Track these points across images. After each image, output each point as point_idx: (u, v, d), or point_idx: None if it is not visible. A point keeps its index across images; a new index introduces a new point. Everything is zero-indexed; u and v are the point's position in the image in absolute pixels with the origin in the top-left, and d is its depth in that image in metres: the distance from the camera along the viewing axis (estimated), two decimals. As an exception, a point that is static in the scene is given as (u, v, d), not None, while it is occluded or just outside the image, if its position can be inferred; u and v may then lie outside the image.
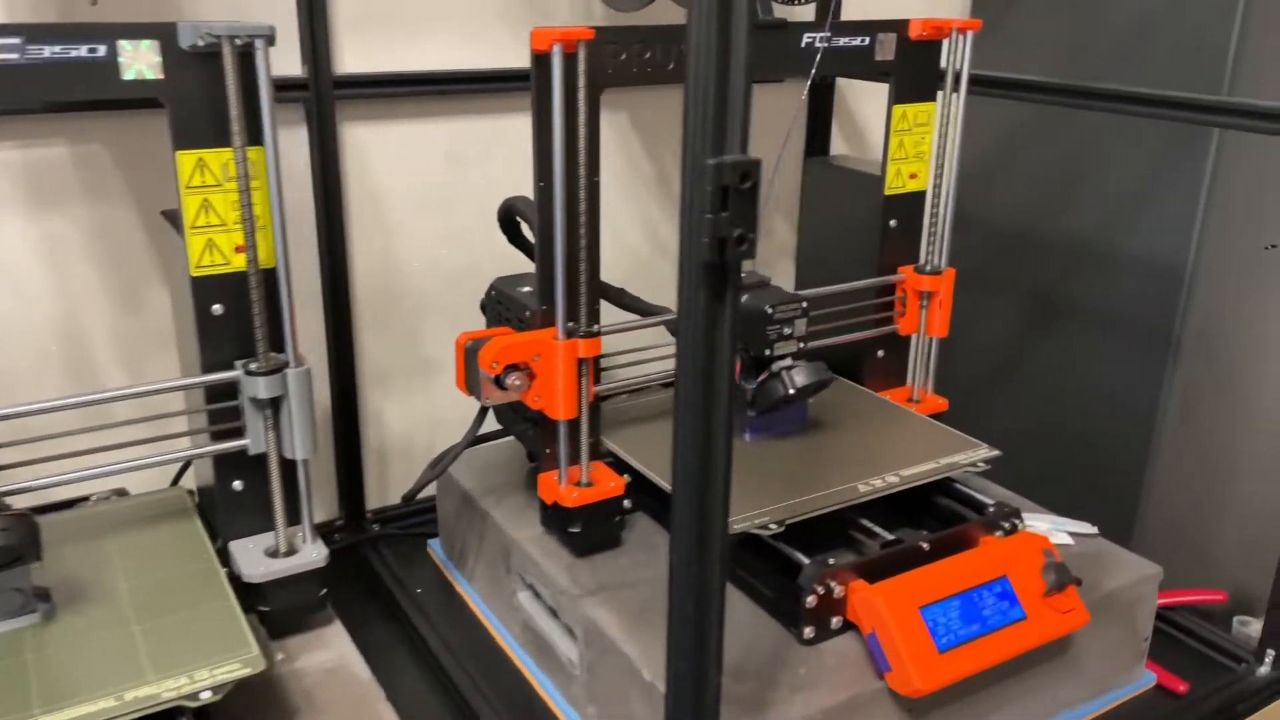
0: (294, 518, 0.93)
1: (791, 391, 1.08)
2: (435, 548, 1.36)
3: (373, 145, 1.30)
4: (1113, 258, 1.54)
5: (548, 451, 1.08)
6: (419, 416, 1.44)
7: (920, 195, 1.25)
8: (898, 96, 1.21)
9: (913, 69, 1.21)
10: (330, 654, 0.93)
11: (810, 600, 0.94)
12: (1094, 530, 1.16)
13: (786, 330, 1.08)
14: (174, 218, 0.88)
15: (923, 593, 0.93)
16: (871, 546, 1.03)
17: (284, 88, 1.21)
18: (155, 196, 1.14)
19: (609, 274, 1.10)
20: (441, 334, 1.41)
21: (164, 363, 1.22)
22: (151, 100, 0.81)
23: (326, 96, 1.23)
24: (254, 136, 0.82)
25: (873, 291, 1.28)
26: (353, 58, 1.26)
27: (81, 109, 1.10)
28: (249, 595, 0.91)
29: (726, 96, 0.55)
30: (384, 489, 1.45)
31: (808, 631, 0.95)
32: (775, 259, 1.65)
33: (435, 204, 1.36)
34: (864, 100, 1.69)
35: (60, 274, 1.16)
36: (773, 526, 0.97)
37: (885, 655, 0.90)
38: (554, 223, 0.98)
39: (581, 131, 0.96)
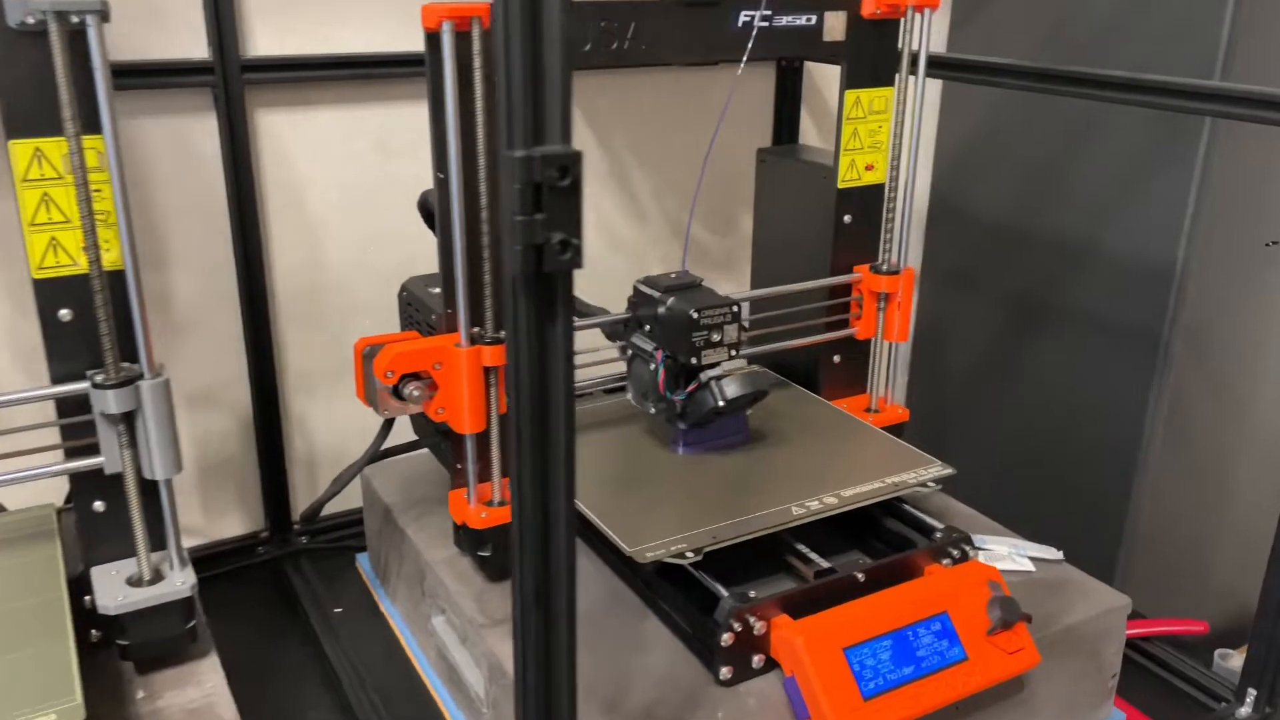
0: (158, 543, 0.85)
1: (721, 404, 0.99)
2: (364, 563, 1.28)
3: (290, 134, 1.22)
4: (1099, 255, 1.43)
5: (458, 467, 0.99)
6: (349, 422, 1.35)
7: (878, 189, 1.15)
8: (850, 80, 1.11)
9: (866, 50, 1.11)
10: (196, 692, 0.85)
11: (726, 638, 0.85)
12: (1059, 555, 1.06)
13: (715, 337, 0.99)
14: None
15: (849, 631, 0.83)
16: (807, 574, 0.94)
17: (189, 71, 1.14)
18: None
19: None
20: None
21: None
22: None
23: (235, 80, 1.14)
24: (91, 124, 0.74)
25: (825, 293, 1.19)
26: (265, 39, 1.17)
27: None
28: (111, 627, 0.83)
29: (541, 77, 0.46)
30: (312, 499, 1.37)
31: (724, 671, 0.86)
32: (739, 254, 1.56)
33: (363, 197, 1.28)
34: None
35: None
36: (689, 555, 0.88)
37: (804, 701, 0.81)
38: (452, 218, 0.90)
39: (480, 119, 0.87)
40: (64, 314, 0.79)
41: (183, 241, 1.20)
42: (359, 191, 1.27)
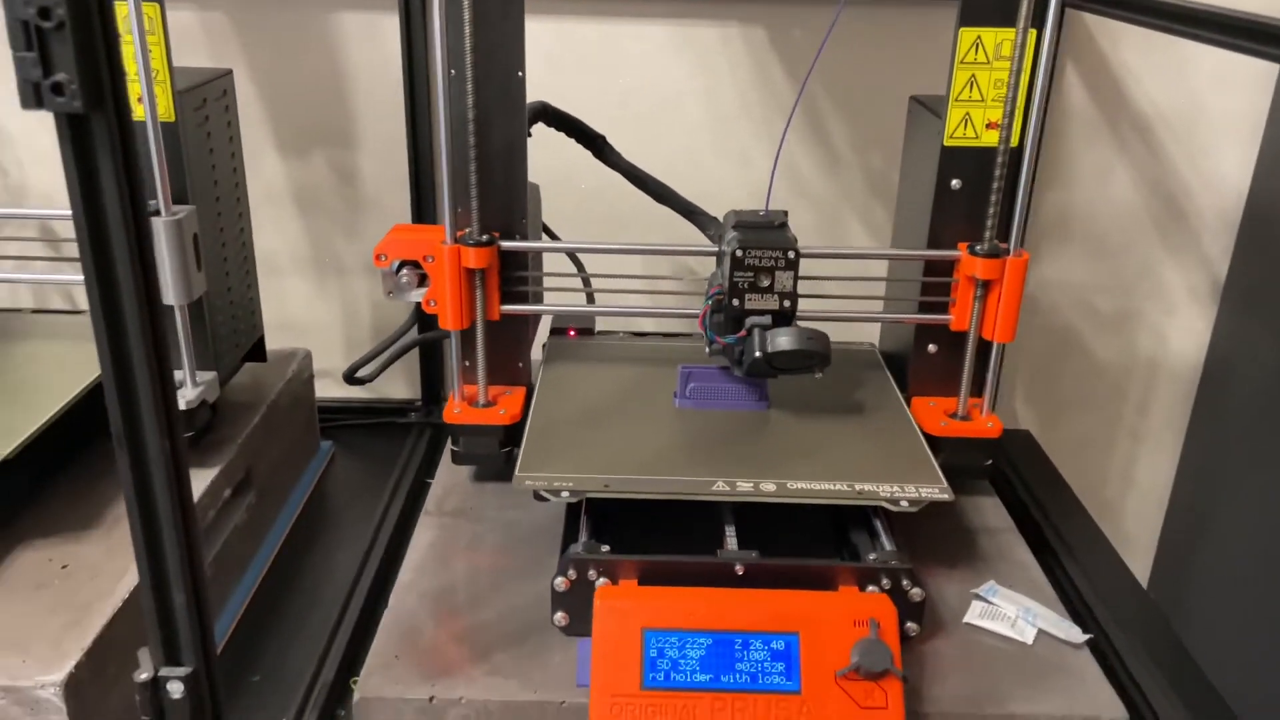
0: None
1: (758, 354, 0.89)
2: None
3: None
4: None
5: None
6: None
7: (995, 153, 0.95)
8: (968, 15, 0.93)
9: (991, -21, 0.91)
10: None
11: (559, 582, 0.80)
12: (1080, 638, 0.84)
13: (764, 281, 0.90)
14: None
15: (663, 614, 0.74)
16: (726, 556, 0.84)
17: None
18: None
19: (730, 205, 1.00)
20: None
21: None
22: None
23: (414, -17, 1.25)
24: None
25: (921, 268, 1.02)
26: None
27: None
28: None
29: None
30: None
31: (559, 617, 0.81)
32: (866, 200, 1.38)
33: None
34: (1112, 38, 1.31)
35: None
36: (565, 495, 0.83)
37: (587, 668, 0.75)
38: (445, 118, 0.92)
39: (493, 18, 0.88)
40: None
41: (366, 126, 1.35)
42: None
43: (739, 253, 0.91)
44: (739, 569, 0.80)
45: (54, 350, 1.06)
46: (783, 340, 0.90)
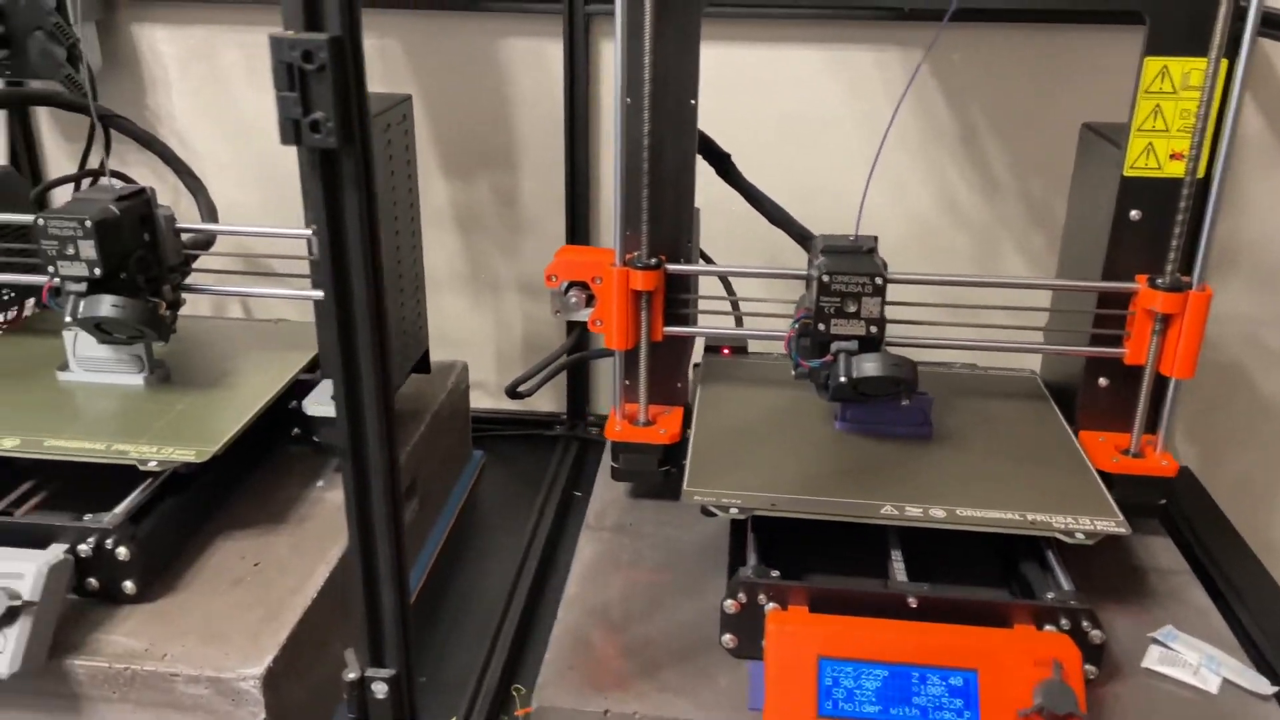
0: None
1: (843, 380, 0.90)
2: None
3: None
4: None
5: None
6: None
7: (1179, 184, 0.93)
8: (1154, 44, 0.91)
9: (1180, 5, 0.89)
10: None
11: (729, 605, 0.81)
12: (1269, 690, 0.80)
13: (850, 307, 0.91)
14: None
15: (840, 643, 0.75)
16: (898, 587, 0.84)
17: (546, -1, 1.30)
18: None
19: (886, 235, 1.01)
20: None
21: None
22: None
23: (579, 9, 1.28)
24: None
25: (1095, 300, 0.99)
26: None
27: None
28: (309, 425, 1.07)
29: (314, -34, 0.51)
30: (606, 395, 1.50)
31: (727, 639, 0.83)
32: (1025, 227, 1.35)
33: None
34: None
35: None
36: (733, 511, 0.85)
37: (760, 692, 0.75)
38: (623, 143, 0.94)
39: (669, 49, 0.91)
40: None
41: (527, 149, 1.39)
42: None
43: (825, 278, 0.91)
44: (912, 601, 0.80)
45: (239, 356, 1.13)
46: (869, 366, 0.90)
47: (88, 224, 0.95)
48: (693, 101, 0.96)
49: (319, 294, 1.01)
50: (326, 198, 0.56)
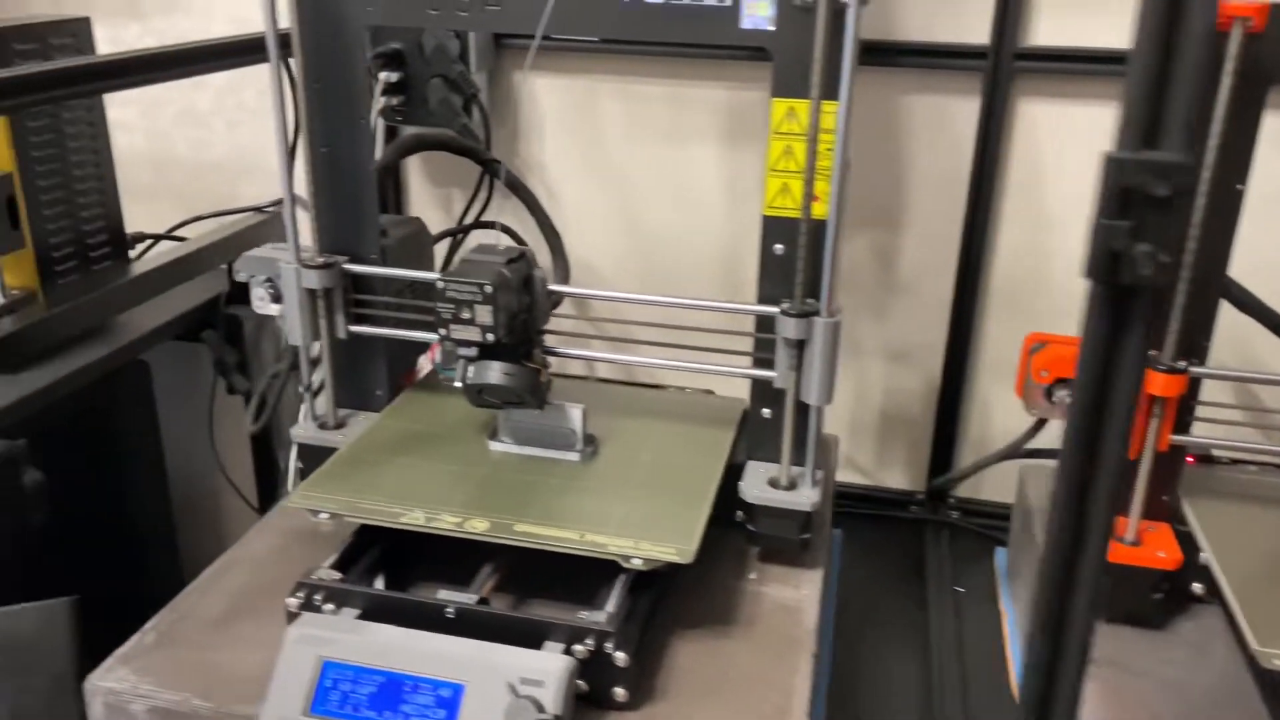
0: (799, 458, 0.97)
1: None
2: (999, 556, 1.29)
3: (1044, 125, 1.22)
4: None
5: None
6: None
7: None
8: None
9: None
10: (793, 593, 0.96)
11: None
12: None
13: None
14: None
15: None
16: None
17: (963, 55, 1.21)
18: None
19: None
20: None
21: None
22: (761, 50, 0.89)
23: (1005, 68, 1.19)
24: (830, 91, 0.85)
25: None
26: (1045, 28, 1.19)
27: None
28: (748, 512, 0.98)
29: (1172, 75, 0.43)
30: (976, 480, 1.40)
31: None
32: None
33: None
34: None
35: (733, 201, 1.34)
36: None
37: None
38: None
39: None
40: (778, 248, 0.94)
41: (918, 210, 1.30)
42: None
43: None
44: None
45: (656, 428, 1.07)
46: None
47: (487, 289, 0.91)
48: (1239, 187, 0.85)
49: (766, 373, 0.95)
50: (1108, 336, 0.47)
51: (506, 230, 1.30)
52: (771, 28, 0.88)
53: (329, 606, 0.84)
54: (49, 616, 0.85)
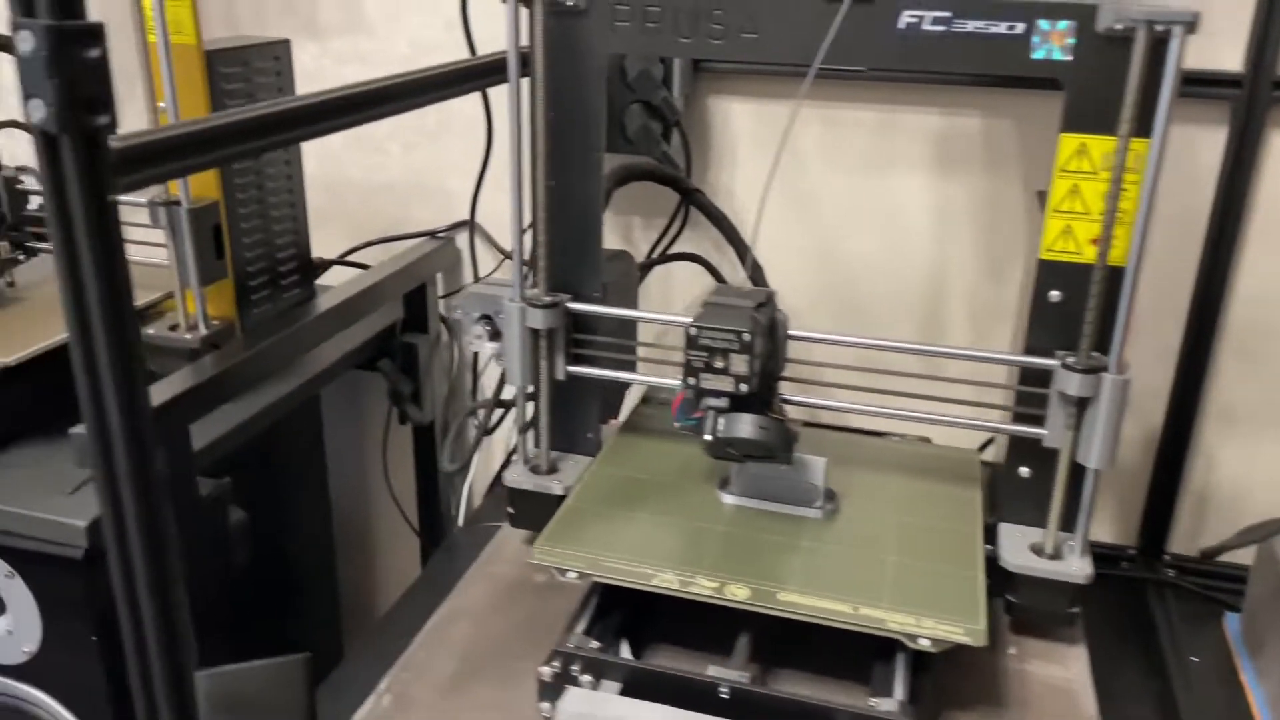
0: (1068, 524, 0.89)
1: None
2: (1231, 622, 1.19)
3: (1306, 159, 1.13)
4: None
5: None
6: (1266, 471, 1.24)
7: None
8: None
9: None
10: (1061, 672, 0.88)
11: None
12: None
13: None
14: (1044, 198, 0.89)
15: None
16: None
17: (1215, 83, 1.12)
18: (1041, 176, 1.16)
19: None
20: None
21: (1005, 333, 1.26)
22: (1053, 80, 0.82)
23: (1261, 98, 1.09)
24: (1144, 128, 0.78)
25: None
26: (1312, 56, 1.09)
27: (994, 84, 1.16)
28: (1001, 580, 0.91)
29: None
30: (1194, 535, 1.30)
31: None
32: None
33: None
34: None
35: (941, 231, 1.26)
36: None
37: None
38: None
39: None
40: (1054, 295, 0.86)
41: (1147, 246, 1.21)
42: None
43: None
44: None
45: (897, 484, 1.00)
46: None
47: (745, 337, 0.85)
48: None
49: (1034, 430, 0.87)
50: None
51: (706, 265, 1.24)
52: (1068, 58, 0.80)
53: (587, 678, 0.78)
54: (284, 675, 0.80)
